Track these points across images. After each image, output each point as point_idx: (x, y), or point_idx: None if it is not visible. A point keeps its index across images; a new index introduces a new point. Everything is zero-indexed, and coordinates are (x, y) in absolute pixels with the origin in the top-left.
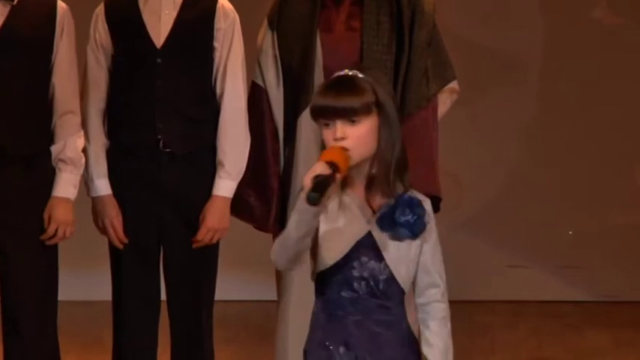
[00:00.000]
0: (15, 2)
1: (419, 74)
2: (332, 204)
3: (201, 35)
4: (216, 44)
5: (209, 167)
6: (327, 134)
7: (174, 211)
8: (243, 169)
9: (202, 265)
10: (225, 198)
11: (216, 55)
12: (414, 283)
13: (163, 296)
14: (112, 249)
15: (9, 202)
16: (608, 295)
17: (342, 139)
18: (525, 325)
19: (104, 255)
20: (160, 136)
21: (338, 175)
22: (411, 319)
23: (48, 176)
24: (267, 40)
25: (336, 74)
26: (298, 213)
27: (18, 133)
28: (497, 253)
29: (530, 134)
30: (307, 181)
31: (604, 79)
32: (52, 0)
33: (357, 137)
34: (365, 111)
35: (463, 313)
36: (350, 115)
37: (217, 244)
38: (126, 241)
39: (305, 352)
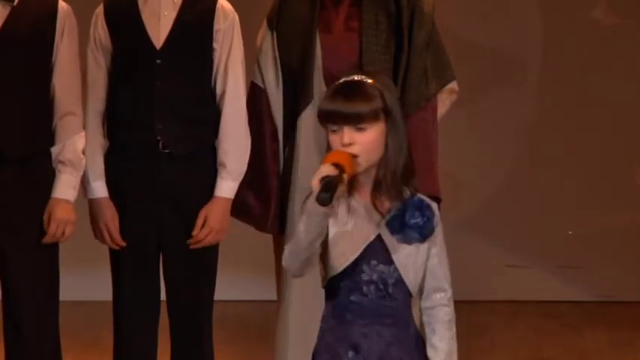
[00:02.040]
0: (15, 3)
1: (418, 74)
2: (341, 209)
3: (200, 36)
4: (215, 45)
5: (209, 168)
6: (334, 139)
7: (173, 212)
8: (244, 170)
9: (202, 265)
10: (226, 199)
11: (216, 55)
12: (420, 287)
13: (163, 296)
14: (113, 250)
15: (8, 203)
16: (607, 295)
17: (350, 144)
18: (525, 325)
19: (104, 255)
20: (159, 137)
21: (345, 176)
22: (417, 321)
23: (47, 177)
24: (266, 40)
25: (344, 79)
26: (308, 216)
27: (17, 135)
28: (496, 253)
29: (529, 134)
30: (315, 183)
31: (604, 78)
32: (53, 0)
33: (364, 143)
34: (373, 117)
35: (462, 312)
36: (358, 122)
37: (217, 244)
38: (122, 243)
39: (314, 354)
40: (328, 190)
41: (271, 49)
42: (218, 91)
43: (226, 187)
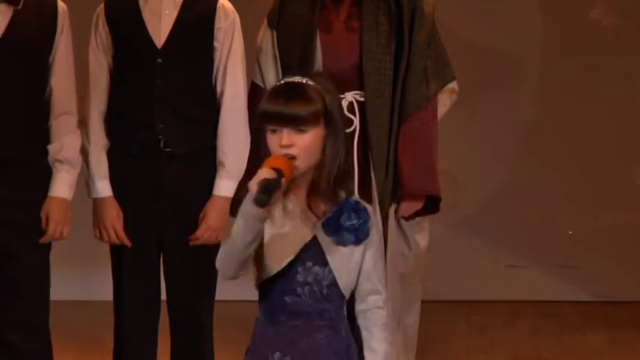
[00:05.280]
0: (19, 7)
1: (418, 75)
2: (277, 210)
3: (201, 35)
4: (216, 44)
5: (209, 168)
6: (273, 140)
7: (174, 212)
8: (244, 169)
9: (202, 265)
10: (225, 198)
11: (217, 55)
12: (353, 290)
13: (163, 296)
14: (113, 250)
15: (4, 202)
16: (607, 295)
17: (289, 146)
18: (524, 325)
19: (104, 255)
20: (160, 137)
21: (283, 181)
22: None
23: (42, 176)
24: (266, 39)
25: (286, 79)
26: (244, 218)
27: (16, 136)
28: (496, 253)
29: (529, 134)
30: (253, 185)
31: (603, 78)
32: (52, 0)
33: (303, 145)
34: (312, 120)
35: (462, 312)
36: (298, 124)
37: (218, 244)
38: (128, 242)
39: (245, 356)
40: (266, 192)
41: (271, 49)
42: (218, 90)
43: (225, 186)
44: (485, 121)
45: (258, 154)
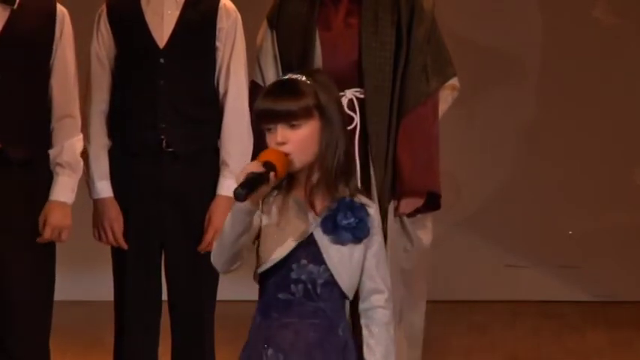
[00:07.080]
0: (15, 7)
1: (417, 70)
2: (275, 205)
3: (203, 35)
4: (218, 44)
5: (211, 168)
6: (270, 139)
7: (175, 211)
8: None
9: (204, 265)
10: (229, 197)
11: (219, 54)
12: (357, 289)
13: (164, 296)
14: (115, 250)
15: (7, 205)
16: (607, 294)
17: (283, 143)
18: (524, 325)
19: (104, 255)
20: (162, 136)
21: (272, 175)
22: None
23: (45, 179)
24: (266, 39)
25: (279, 78)
26: (232, 212)
27: (19, 137)
28: (495, 253)
29: (529, 134)
30: (239, 177)
31: (603, 78)
32: (51, 3)
33: (297, 141)
34: (304, 114)
35: (461, 312)
36: (289, 119)
37: None
38: (124, 245)
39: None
40: (246, 187)
41: (271, 48)
42: (221, 90)
43: (228, 185)
44: (486, 121)
45: (257, 154)
